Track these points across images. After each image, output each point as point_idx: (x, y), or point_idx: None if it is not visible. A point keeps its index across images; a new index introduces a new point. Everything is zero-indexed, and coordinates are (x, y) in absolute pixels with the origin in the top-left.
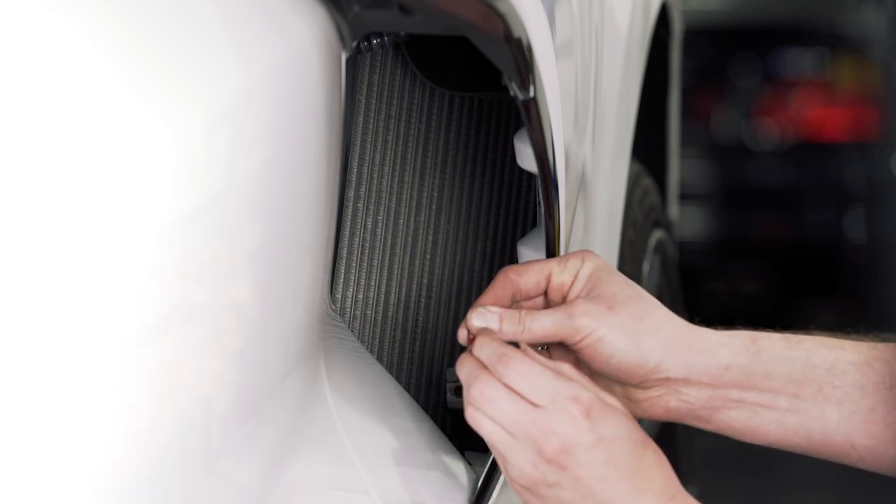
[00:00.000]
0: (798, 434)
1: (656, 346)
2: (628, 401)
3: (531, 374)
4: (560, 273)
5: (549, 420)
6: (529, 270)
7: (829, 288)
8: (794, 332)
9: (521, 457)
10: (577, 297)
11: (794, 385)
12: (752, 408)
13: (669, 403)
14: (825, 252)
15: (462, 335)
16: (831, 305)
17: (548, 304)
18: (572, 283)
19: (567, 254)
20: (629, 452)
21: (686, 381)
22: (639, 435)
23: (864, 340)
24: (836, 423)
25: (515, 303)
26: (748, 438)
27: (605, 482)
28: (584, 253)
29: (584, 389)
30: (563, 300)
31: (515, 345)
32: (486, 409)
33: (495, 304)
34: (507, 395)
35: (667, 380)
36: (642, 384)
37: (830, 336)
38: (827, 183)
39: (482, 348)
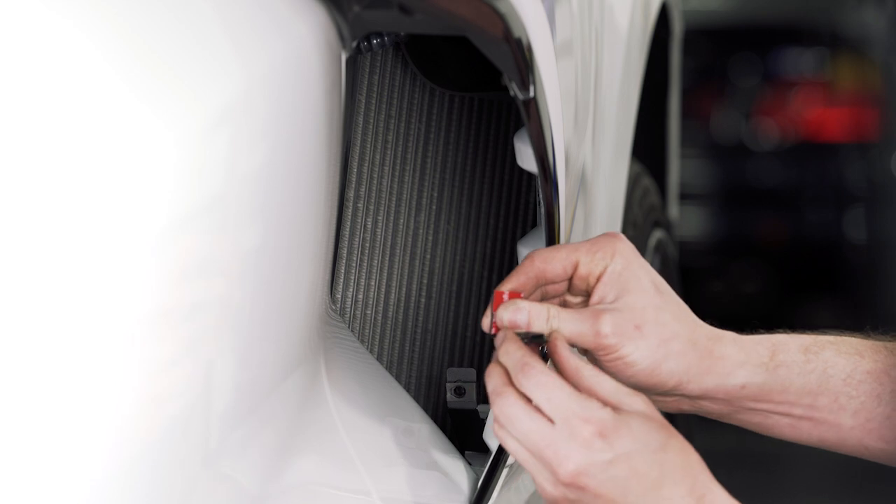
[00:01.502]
0: (811, 436)
1: (677, 371)
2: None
3: (549, 386)
4: (587, 263)
5: (563, 444)
6: (556, 258)
7: (829, 288)
8: (814, 334)
9: (541, 477)
10: (604, 299)
11: (810, 397)
12: (765, 414)
13: (683, 406)
14: (825, 252)
15: (486, 323)
16: (831, 305)
17: (570, 290)
18: (599, 277)
19: (597, 239)
20: (649, 462)
21: (702, 397)
22: (658, 440)
23: (882, 340)
24: (851, 429)
25: (539, 287)
26: (762, 433)
27: (629, 496)
28: (615, 241)
29: (599, 408)
30: (587, 290)
31: (541, 337)
32: (508, 427)
33: (519, 288)
34: (526, 413)
35: (682, 395)
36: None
37: (850, 336)
38: (827, 183)
39: (508, 354)
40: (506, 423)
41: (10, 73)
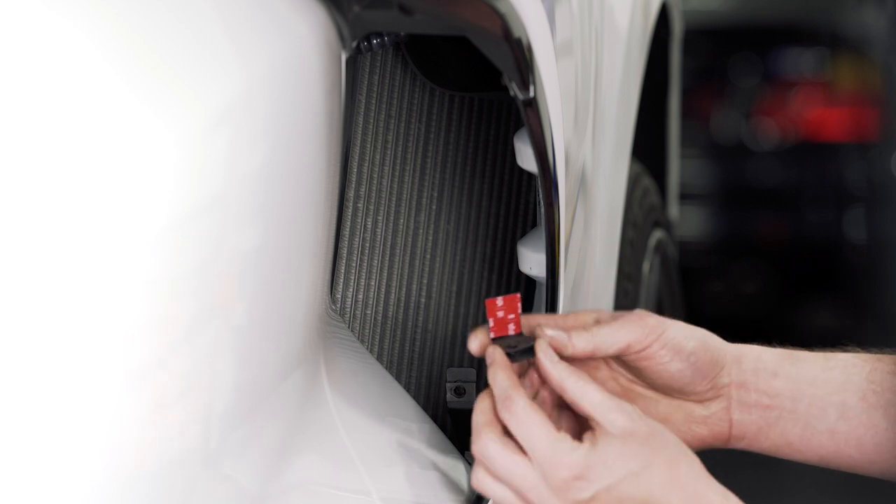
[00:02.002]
0: (849, 444)
1: (720, 346)
2: (691, 424)
3: (528, 424)
4: (573, 319)
5: (544, 489)
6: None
7: (828, 288)
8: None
9: None
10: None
11: (839, 393)
12: (805, 420)
13: (733, 416)
14: (825, 252)
15: (474, 346)
16: (831, 305)
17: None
18: (597, 321)
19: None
20: (632, 486)
21: (745, 387)
22: (639, 461)
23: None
24: (885, 430)
25: None
26: (804, 456)
27: None
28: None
29: (572, 449)
30: None
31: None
32: (487, 465)
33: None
34: (504, 454)
35: (728, 386)
36: (705, 396)
37: (864, 352)
38: (827, 183)
39: (495, 382)
40: (485, 460)
41: (11, 72)
